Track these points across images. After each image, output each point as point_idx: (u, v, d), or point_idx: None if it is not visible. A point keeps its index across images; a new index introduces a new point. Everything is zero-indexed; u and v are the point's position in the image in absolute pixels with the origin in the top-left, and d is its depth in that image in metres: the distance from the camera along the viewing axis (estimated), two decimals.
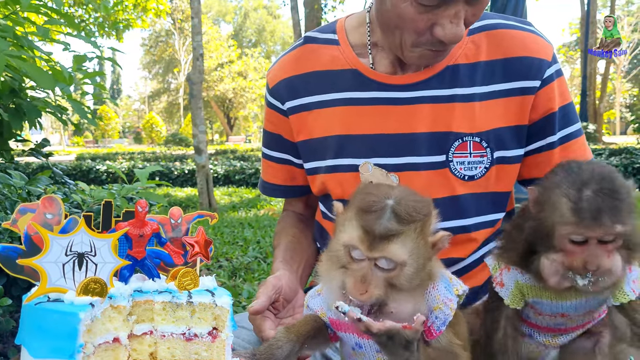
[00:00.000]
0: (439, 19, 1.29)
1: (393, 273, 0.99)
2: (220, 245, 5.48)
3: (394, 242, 0.97)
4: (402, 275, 0.99)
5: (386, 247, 0.97)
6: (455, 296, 1.10)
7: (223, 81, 49.83)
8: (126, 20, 13.15)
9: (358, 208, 1.01)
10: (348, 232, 1.01)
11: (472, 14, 1.31)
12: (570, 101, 1.56)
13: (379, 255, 0.97)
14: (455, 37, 1.29)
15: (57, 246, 0.95)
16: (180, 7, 45.16)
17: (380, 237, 0.97)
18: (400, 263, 0.98)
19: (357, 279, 0.98)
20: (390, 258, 0.97)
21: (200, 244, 1.14)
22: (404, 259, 0.98)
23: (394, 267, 0.98)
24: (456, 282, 1.13)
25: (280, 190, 1.81)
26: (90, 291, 0.95)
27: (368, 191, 1.04)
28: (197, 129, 8.65)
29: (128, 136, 73.11)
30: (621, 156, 10.94)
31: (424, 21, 1.30)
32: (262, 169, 1.86)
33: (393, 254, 0.97)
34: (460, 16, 1.28)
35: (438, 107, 1.49)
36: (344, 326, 1.13)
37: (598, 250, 1.00)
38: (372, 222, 0.98)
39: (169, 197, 10.60)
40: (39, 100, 2.82)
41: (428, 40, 1.34)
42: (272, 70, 1.70)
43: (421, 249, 1.00)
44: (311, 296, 1.21)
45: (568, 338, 1.25)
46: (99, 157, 22.63)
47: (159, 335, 1.07)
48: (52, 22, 2.74)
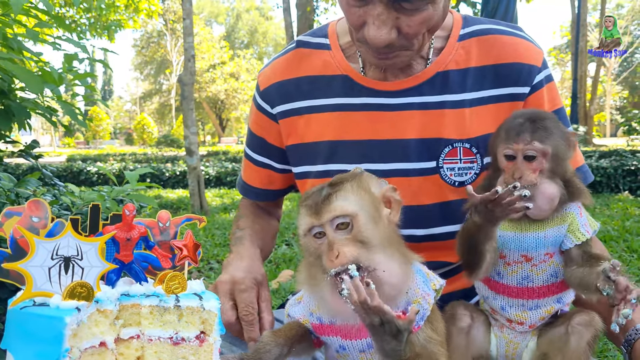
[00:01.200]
0: (367, 17, 1.29)
1: (353, 230, 1.04)
2: (211, 247, 5.46)
3: (336, 200, 1.06)
4: (361, 227, 1.04)
5: (330, 207, 1.05)
6: (432, 291, 1.11)
7: (215, 82, 49.76)
8: (118, 20, 13.10)
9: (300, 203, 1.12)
10: (300, 222, 1.10)
11: (406, 25, 1.28)
12: (560, 106, 1.57)
13: (329, 216, 1.04)
14: (375, 40, 1.29)
15: (43, 250, 0.94)
16: (172, 8, 45.05)
17: (322, 202, 1.06)
18: (351, 214, 1.04)
19: (326, 250, 1.04)
20: (339, 214, 1.04)
21: (189, 247, 1.14)
22: (351, 209, 1.05)
23: (349, 223, 1.04)
24: (433, 277, 1.14)
25: (256, 193, 1.82)
26: (77, 295, 0.94)
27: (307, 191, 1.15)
28: (188, 131, 8.62)
29: (119, 137, 72.82)
30: (611, 158, 11.00)
31: (355, 16, 1.31)
32: (243, 168, 1.86)
33: (339, 209, 1.04)
34: (382, 19, 1.26)
35: (428, 113, 1.49)
36: (327, 330, 1.14)
37: (523, 164, 1.25)
38: (312, 198, 1.08)
39: (160, 199, 10.56)
40: (29, 101, 2.80)
41: (362, 39, 1.34)
42: (264, 73, 1.69)
43: (366, 200, 1.08)
44: (291, 305, 1.23)
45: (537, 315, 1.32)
46: (89, 158, 22.48)
47: (146, 339, 1.06)
48: (42, 25, 2.73)
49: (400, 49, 1.35)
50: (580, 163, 1.58)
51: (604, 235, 5.37)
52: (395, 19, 1.27)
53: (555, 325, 1.31)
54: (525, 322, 1.33)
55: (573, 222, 1.28)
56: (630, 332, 1.30)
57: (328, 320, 1.15)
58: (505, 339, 1.36)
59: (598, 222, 1.36)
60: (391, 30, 1.28)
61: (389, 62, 1.41)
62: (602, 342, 2.80)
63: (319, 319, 1.16)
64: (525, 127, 1.26)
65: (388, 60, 1.39)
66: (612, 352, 2.66)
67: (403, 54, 1.37)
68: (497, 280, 1.34)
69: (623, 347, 1.32)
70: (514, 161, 1.26)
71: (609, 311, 1.14)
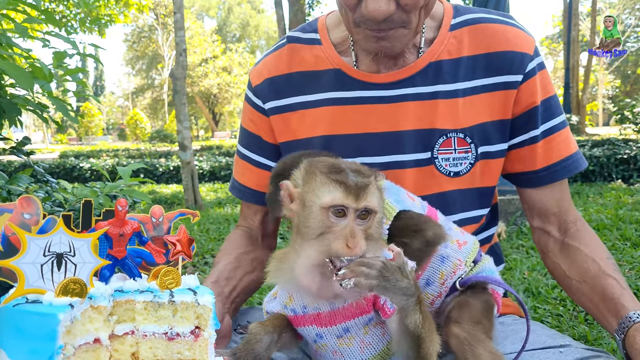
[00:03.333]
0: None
1: (369, 223, 1.06)
2: (205, 242, 5.46)
3: (370, 192, 1.06)
4: (375, 225, 1.07)
5: (366, 196, 1.05)
6: None
7: (207, 77, 49.58)
8: (108, 15, 13.01)
9: (324, 172, 1.07)
10: (326, 194, 1.05)
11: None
12: (553, 94, 1.57)
13: (364, 204, 1.04)
14: (375, 12, 1.28)
15: (34, 247, 0.93)
16: (163, 2, 44.80)
17: (359, 188, 1.05)
18: (374, 210, 1.06)
19: (346, 236, 1.03)
20: (370, 206, 1.05)
21: (183, 243, 1.13)
22: (376, 205, 1.07)
23: (369, 216, 1.06)
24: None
25: (252, 195, 1.73)
26: (70, 292, 0.94)
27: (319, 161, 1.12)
28: (181, 125, 8.60)
29: (112, 133, 72.56)
30: (604, 147, 11.05)
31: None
32: (237, 169, 1.78)
33: (372, 203, 1.06)
34: None
35: (422, 104, 1.49)
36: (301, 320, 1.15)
37: None
38: (347, 178, 1.05)
39: (154, 194, 10.54)
40: (19, 98, 2.78)
41: (360, 17, 1.34)
42: (256, 69, 1.68)
43: (382, 200, 1.12)
44: (268, 301, 1.24)
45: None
46: (82, 154, 22.41)
47: (141, 335, 1.05)
48: (31, 21, 2.70)
49: (399, 24, 1.34)
50: (573, 150, 1.57)
51: (598, 224, 5.39)
52: None
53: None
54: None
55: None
56: (623, 319, 1.31)
57: (301, 310, 1.15)
58: None
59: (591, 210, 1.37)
60: (389, 1, 1.28)
61: (387, 45, 1.39)
62: (597, 330, 2.82)
63: (293, 311, 1.17)
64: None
65: (386, 41, 1.38)
66: (607, 340, 2.68)
67: (401, 32, 1.37)
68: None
69: (616, 334, 1.33)
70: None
71: None
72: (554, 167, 1.55)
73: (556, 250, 1.57)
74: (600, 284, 1.42)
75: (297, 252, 1.09)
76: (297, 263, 1.09)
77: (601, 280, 1.42)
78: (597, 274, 1.44)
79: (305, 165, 1.13)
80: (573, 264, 1.50)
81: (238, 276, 1.55)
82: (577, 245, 1.52)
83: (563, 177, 1.57)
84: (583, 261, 1.48)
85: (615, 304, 1.36)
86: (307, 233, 1.07)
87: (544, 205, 1.59)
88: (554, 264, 1.57)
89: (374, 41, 1.38)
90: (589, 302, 1.45)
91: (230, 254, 1.62)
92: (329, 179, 1.06)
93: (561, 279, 1.55)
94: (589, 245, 1.51)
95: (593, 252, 1.49)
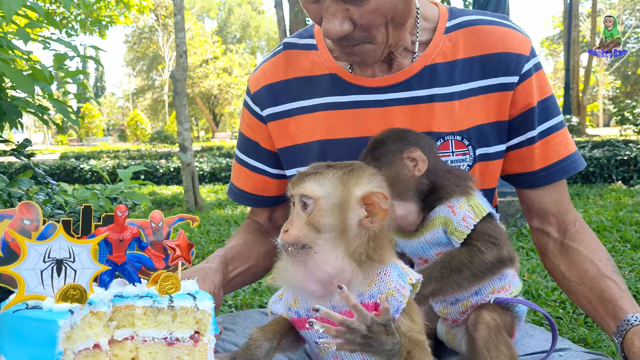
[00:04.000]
0: (322, 12, 1.31)
1: (310, 211, 1.07)
2: (206, 243, 5.46)
3: (309, 180, 1.09)
4: (317, 213, 1.07)
5: (301, 184, 1.09)
6: (409, 285, 1.12)
7: (208, 77, 49.61)
8: (109, 16, 13.02)
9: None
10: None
11: (359, 16, 1.28)
12: (550, 94, 1.56)
13: (297, 191, 1.09)
14: (328, 33, 1.30)
15: (34, 253, 0.94)
16: (164, 3, 44.83)
17: (299, 176, 1.11)
18: (314, 197, 1.07)
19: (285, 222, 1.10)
20: (304, 193, 1.08)
21: (182, 247, 1.14)
22: (316, 193, 1.07)
23: (309, 204, 1.08)
24: (409, 272, 1.15)
25: (249, 199, 1.77)
26: (70, 298, 0.94)
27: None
28: (181, 127, 8.60)
29: (112, 134, 72.61)
30: (604, 148, 11.05)
31: (314, 12, 1.33)
32: (234, 174, 1.80)
33: (307, 189, 1.08)
34: (332, 12, 1.28)
35: (418, 107, 1.49)
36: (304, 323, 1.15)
37: None
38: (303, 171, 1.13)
39: (154, 196, 10.54)
40: (20, 100, 2.79)
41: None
42: (254, 76, 1.69)
43: (338, 192, 1.09)
44: (273, 302, 1.24)
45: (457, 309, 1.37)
46: (83, 155, 22.42)
47: (140, 340, 1.06)
48: (33, 25, 2.71)
49: (362, 41, 1.35)
50: (572, 151, 1.57)
51: (598, 225, 5.39)
52: (345, 10, 1.28)
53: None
54: (448, 317, 1.39)
55: (449, 224, 1.32)
56: (621, 322, 1.31)
57: (305, 313, 1.15)
58: (445, 329, 1.44)
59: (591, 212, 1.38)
60: (343, 22, 1.28)
61: (357, 58, 1.41)
62: (596, 333, 2.82)
63: (297, 313, 1.17)
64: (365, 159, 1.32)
65: (355, 55, 1.40)
66: (606, 343, 2.68)
67: (367, 47, 1.37)
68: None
69: (615, 337, 1.33)
70: None
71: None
72: (552, 168, 1.55)
73: (555, 251, 1.57)
74: (599, 285, 1.42)
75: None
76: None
77: (600, 282, 1.42)
78: (596, 275, 1.44)
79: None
80: (572, 265, 1.51)
81: (244, 258, 1.64)
82: (576, 247, 1.52)
83: (561, 177, 1.57)
84: (582, 262, 1.48)
85: (613, 307, 1.36)
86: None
87: (543, 206, 1.59)
88: (553, 265, 1.58)
89: (345, 55, 1.41)
90: (588, 303, 1.46)
91: (241, 237, 1.72)
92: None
93: (560, 280, 1.56)
94: (589, 246, 1.51)
95: (592, 253, 1.49)
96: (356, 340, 0.99)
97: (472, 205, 1.33)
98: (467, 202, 1.33)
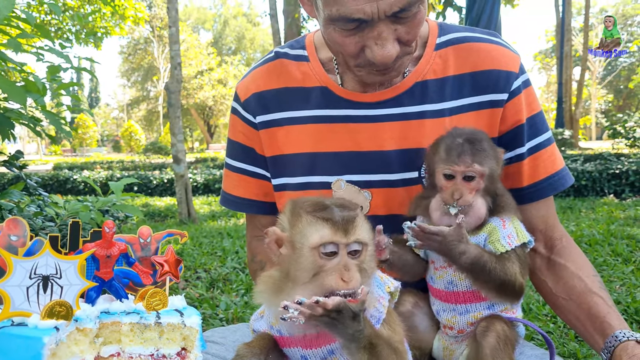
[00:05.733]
0: (366, 41, 1.30)
1: (361, 257, 1.05)
2: (198, 256, 5.44)
3: (358, 225, 1.05)
4: (366, 257, 1.06)
5: (355, 230, 1.04)
6: (387, 294, 1.12)
7: (203, 89, 49.65)
8: (104, 28, 13.05)
9: (310, 211, 1.06)
10: (314, 234, 1.03)
11: (405, 32, 1.30)
12: (539, 110, 1.57)
13: (353, 238, 1.03)
14: (383, 58, 1.29)
15: (20, 269, 0.94)
16: (159, 14, 44.96)
17: (346, 223, 1.03)
18: (366, 243, 1.05)
19: (340, 271, 1.02)
20: (361, 239, 1.04)
21: (170, 263, 1.14)
22: (368, 238, 1.06)
23: (361, 250, 1.05)
24: (387, 280, 1.16)
25: (252, 206, 1.71)
26: (55, 314, 0.94)
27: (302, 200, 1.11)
28: (175, 138, 8.60)
29: (107, 145, 72.48)
30: (596, 162, 11.11)
31: (353, 44, 1.31)
32: (231, 183, 1.74)
33: (362, 235, 1.05)
34: (385, 37, 1.28)
35: (408, 124, 1.50)
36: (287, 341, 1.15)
37: (463, 185, 1.32)
38: (334, 214, 1.04)
39: (147, 207, 10.50)
40: (12, 111, 2.78)
41: (365, 62, 1.35)
42: (244, 83, 1.68)
43: (371, 231, 1.09)
44: (255, 319, 1.23)
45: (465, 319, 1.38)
46: (76, 166, 22.33)
47: (127, 356, 1.06)
48: (25, 36, 2.71)
49: (403, 55, 1.36)
50: (559, 167, 1.58)
51: (589, 239, 5.41)
52: (394, 31, 1.28)
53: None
54: (455, 327, 1.40)
55: (494, 233, 1.35)
56: (609, 338, 1.32)
57: (287, 332, 1.15)
58: (444, 344, 1.44)
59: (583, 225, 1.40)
60: (394, 43, 1.29)
61: (394, 74, 1.42)
62: (587, 348, 2.82)
63: (279, 332, 1.17)
64: (466, 149, 1.32)
65: (394, 72, 1.41)
66: (597, 358, 2.68)
67: (405, 59, 1.39)
68: (431, 285, 1.44)
69: (602, 353, 1.33)
70: (453, 180, 1.33)
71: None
72: (540, 184, 1.56)
73: (543, 267, 1.58)
74: (586, 301, 1.43)
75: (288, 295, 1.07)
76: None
77: (587, 298, 1.43)
78: (584, 291, 1.45)
79: (290, 207, 1.12)
80: (559, 282, 1.51)
81: None
82: (563, 263, 1.53)
83: (550, 194, 1.57)
84: (569, 279, 1.49)
85: (601, 322, 1.37)
86: (299, 277, 1.05)
87: (530, 222, 1.59)
88: (540, 281, 1.58)
89: (380, 75, 1.40)
90: (576, 319, 1.46)
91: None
92: (315, 217, 1.04)
93: (548, 296, 1.56)
94: (575, 262, 1.52)
95: (579, 269, 1.50)
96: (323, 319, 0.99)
97: (516, 227, 1.38)
98: (513, 223, 1.38)
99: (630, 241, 5.29)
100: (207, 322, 3.45)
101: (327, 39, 1.36)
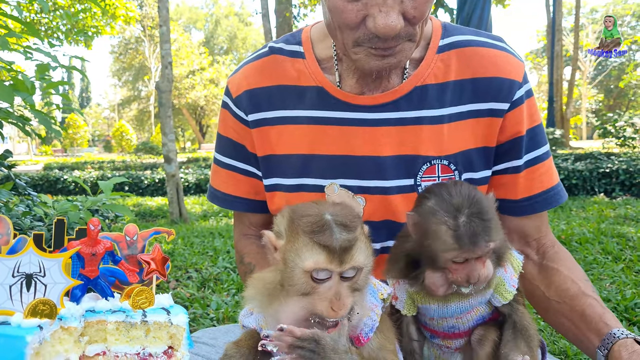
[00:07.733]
0: (369, 9, 1.22)
1: (355, 278, 1.03)
2: (189, 255, 5.42)
3: (355, 250, 1.02)
4: (361, 278, 1.04)
5: (351, 257, 1.01)
6: (380, 301, 1.11)
7: (194, 88, 49.51)
8: (95, 27, 12.98)
9: (307, 232, 1.02)
10: (309, 258, 1.00)
11: (412, 7, 1.22)
12: (538, 123, 1.53)
13: (348, 266, 1.00)
14: (387, 28, 1.21)
15: (3, 267, 0.92)
16: (150, 14, 44.76)
17: (343, 250, 1.00)
18: (361, 267, 1.03)
19: (331, 299, 1.00)
20: (357, 266, 1.01)
21: (157, 261, 1.13)
22: (362, 262, 1.03)
23: (356, 273, 1.03)
24: (380, 287, 1.15)
25: (242, 204, 1.66)
26: (39, 313, 0.93)
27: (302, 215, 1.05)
28: (166, 138, 8.56)
29: (98, 145, 72.15)
30: (587, 161, 11.16)
31: (354, 12, 1.23)
32: (220, 179, 1.69)
33: (358, 261, 1.01)
34: (389, 4, 1.20)
35: (405, 129, 1.45)
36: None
37: (477, 265, 1.15)
38: (330, 240, 1.00)
39: (139, 207, 10.46)
40: (0, 110, 2.75)
41: (365, 36, 1.26)
42: (236, 78, 1.61)
43: (369, 249, 1.07)
44: (244, 315, 1.22)
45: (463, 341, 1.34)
46: (67, 166, 22.21)
47: (113, 355, 1.04)
48: (12, 35, 2.68)
49: (406, 38, 1.28)
50: (555, 182, 1.56)
51: (580, 237, 5.43)
52: (400, 3, 1.21)
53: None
54: (452, 346, 1.37)
55: (500, 284, 1.28)
56: (607, 336, 1.31)
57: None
58: (435, 354, 1.39)
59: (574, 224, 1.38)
60: (399, 16, 1.21)
61: (393, 60, 1.31)
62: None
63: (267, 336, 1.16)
64: (477, 228, 1.13)
65: (392, 57, 1.30)
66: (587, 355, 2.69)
67: (407, 45, 1.30)
68: (425, 325, 1.37)
69: (599, 350, 1.33)
70: (465, 263, 1.16)
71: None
72: (535, 199, 1.53)
73: (534, 272, 1.56)
74: (580, 304, 1.42)
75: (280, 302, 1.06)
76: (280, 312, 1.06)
77: (581, 300, 1.42)
78: (577, 294, 1.44)
79: (288, 217, 1.08)
80: (552, 285, 1.50)
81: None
82: (555, 267, 1.51)
83: (543, 209, 1.55)
84: (562, 282, 1.48)
85: (597, 323, 1.36)
86: (290, 290, 1.04)
87: (524, 231, 1.58)
88: (533, 287, 1.55)
89: (378, 59, 1.31)
90: (569, 321, 1.45)
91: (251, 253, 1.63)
92: (312, 241, 1.01)
93: (539, 301, 1.54)
94: (568, 267, 1.51)
95: (571, 273, 1.49)
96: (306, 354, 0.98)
97: (512, 261, 1.31)
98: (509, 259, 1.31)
99: (620, 239, 5.32)
100: (198, 321, 3.43)
101: (329, 10, 1.28)
